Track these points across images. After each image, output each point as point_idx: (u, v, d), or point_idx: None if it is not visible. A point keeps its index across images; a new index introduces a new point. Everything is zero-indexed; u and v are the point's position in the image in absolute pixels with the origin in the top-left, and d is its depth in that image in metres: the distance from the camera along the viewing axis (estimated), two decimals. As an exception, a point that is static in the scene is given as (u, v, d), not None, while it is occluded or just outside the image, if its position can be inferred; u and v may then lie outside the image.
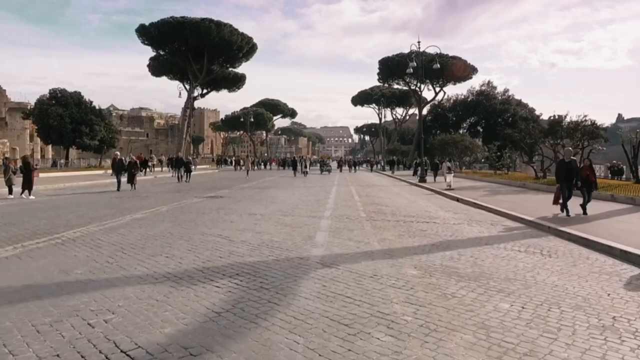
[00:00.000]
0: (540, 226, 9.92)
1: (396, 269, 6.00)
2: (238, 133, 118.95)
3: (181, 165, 24.29)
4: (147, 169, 37.10)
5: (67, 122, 43.26)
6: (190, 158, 27.74)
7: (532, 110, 67.23)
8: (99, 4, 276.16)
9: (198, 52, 54.99)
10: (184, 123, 58.38)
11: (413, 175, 29.88)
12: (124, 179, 18.09)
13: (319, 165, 46.25)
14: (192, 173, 36.40)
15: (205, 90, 72.01)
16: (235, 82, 72.48)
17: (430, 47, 33.88)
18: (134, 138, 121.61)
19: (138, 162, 25.09)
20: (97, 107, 49.49)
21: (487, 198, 16.59)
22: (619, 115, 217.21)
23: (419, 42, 29.25)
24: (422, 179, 27.11)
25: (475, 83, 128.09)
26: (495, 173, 31.25)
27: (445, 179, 21.61)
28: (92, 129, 44.48)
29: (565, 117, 22.33)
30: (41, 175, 29.09)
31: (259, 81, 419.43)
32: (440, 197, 18.46)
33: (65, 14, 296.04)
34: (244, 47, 55.55)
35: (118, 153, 18.72)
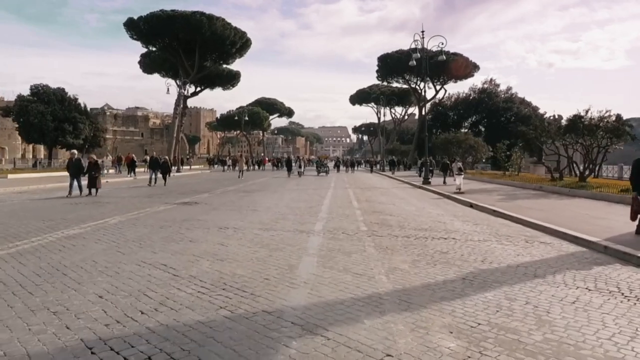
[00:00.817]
0: (595, 245, 7.61)
1: (422, 338, 3.67)
2: (235, 133, 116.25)
3: (156, 166, 21.35)
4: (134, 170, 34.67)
5: (49, 120, 40.90)
6: (167, 158, 24.95)
7: (535, 108, 65.10)
8: (96, 4, 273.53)
9: (189, 47, 52.59)
10: (174, 121, 55.91)
11: (420, 176, 27.57)
12: (84, 181, 15.62)
13: (315, 165, 42.83)
14: (179, 174, 34.02)
15: (199, 88, 69.61)
16: (230, 80, 70.10)
17: (435, 37, 31.79)
18: (129, 137, 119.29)
19: (101, 162, 22.93)
20: (82, 105, 47.10)
21: (506, 204, 14.29)
22: (618, 116, 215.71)
23: (422, 31, 26.87)
24: (426, 180, 24.80)
25: (477, 81, 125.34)
26: (505, 174, 28.99)
27: (455, 181, 19.30)
28: (75, 127, 42.07)
29: (587, 112, 20.05)
30: (10, 176, 26.73)
31: (258, 81, 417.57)
32: (450, 202, 16.15)
33: (63, 13, 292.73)
34: (238, 42, 53.14)
35: (75, 152, 16.26)
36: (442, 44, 25.72)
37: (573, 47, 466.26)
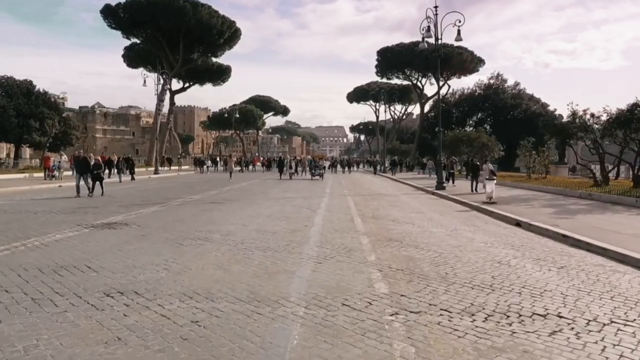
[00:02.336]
0: None
1: None
2: (230, 132, 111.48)
3: (85, 169, 15.68)
4: (111, 172, 30.26)
5: (12, 116, 36.48)
6: (99, 159, 19.67)
7: (545, 105, 61.06)
8: (92, 3, 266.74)
9: (174, 38, 48.35)
10: (156, 117, 51.59)
11: (429, 177, 23.24)
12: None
13: (308, 166, 34.29)
14: (156, 176, 29.68)
15: (187, 84, 65.40)
16: (220, 75, 65.78)
17: (450, 13, 27.34)
18: (119, 137, 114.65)
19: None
20: (53, 99, 42.74)
21: (570, 222, 10.17)
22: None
23: (435, 7, 22.62)
24: (441, 185, 20.62)
25: (482, 77, 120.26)
26: (529, 177, 24.87)
27: (486, 188, 15.07)
28: (43, 124, 37.62)
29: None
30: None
31: (254, 80, 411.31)
32: (486, 218, 11.97)
33: (59, 12, 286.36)
34: (226, 32, 48.84)
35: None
36: (459, 21, 21.46)
37: (569, 48, 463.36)
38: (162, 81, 50.25)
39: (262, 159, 51.76)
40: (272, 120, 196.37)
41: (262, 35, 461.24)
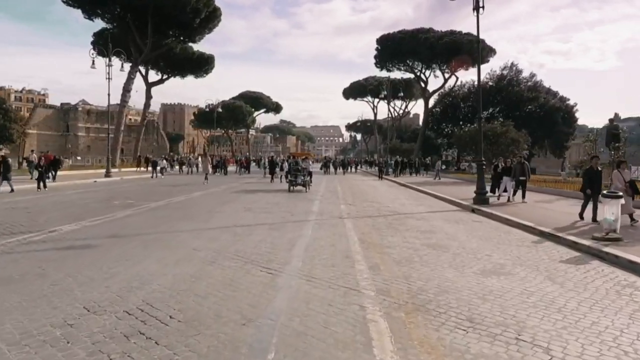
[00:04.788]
0: None
1: None
2: (223, 131, 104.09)
3: None
4: (57, 172, 23.70)
5: None
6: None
7: (564, 99, 54.68)
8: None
9: (142, 18, 41.55)
10: (121, 109, 44.78)
11: (500, 191, 15.92)
12: None
13: (286, 170, 23.53)
14: (104, 180, 23.10)
15: (165, 75, 58.58)
16: (202, 65, 59.05)
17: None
18: (103, 135, 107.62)
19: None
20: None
21: None
22: (616, 115, 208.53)
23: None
24: (482, 197, 14.04)
25: (483, 73, 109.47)
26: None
27: (613, 210, 8.38)
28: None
29: None
30: None
31: (251, 80, 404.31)
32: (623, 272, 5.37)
33: (52, 11, 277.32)
34: (202, 11, 42.02)
35: None
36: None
37: (564, 48, 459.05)
38: (130, 70, 43.46)
39: (242, 159, 43.88)
40: (266, 119, 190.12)
41: (258, 34, 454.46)
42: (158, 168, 26.27)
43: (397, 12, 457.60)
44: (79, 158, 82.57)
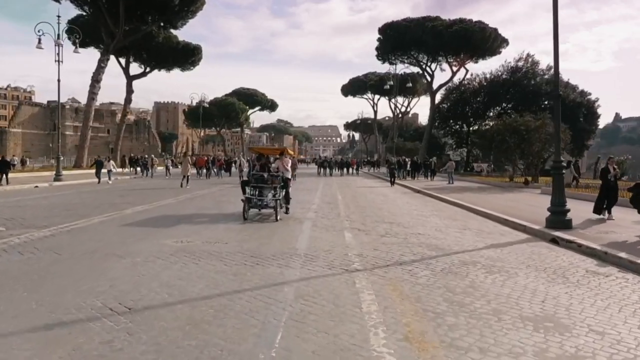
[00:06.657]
0: None
1: None
2: (218, 129, 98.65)
3: None
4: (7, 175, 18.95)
5: None
6: None
7: (585, 93, 49.56)
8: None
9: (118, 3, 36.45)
10: (89, 102, 39.65)
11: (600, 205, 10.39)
12: None
13: (244, 176, 18.78)
14: (58, 183, 18.04)
15: (148, 68, 53.54)
16: (188, 56, 54.09)
17: None
18: (93, 134, 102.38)
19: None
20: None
21: None
22: (617, 115, 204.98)
23: None
24: (563, 217, 9.07)
25: (485, 69, 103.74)
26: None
27: None
28: None
29: None
30: None
31: (248, 80, 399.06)
32: None
33: (47, 10, 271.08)
34: (182, -9, 37.02)
35: None
36: None
37: (561, 49, 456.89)
38: (100, 58, 38.38)
39: (222, 159, 37.87)
40: (263, 119, 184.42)
41: (256, 34, 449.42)
42: (104, 171, 20.93)
43: (394, 11, 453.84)
44: (62, 158, 77.62)
